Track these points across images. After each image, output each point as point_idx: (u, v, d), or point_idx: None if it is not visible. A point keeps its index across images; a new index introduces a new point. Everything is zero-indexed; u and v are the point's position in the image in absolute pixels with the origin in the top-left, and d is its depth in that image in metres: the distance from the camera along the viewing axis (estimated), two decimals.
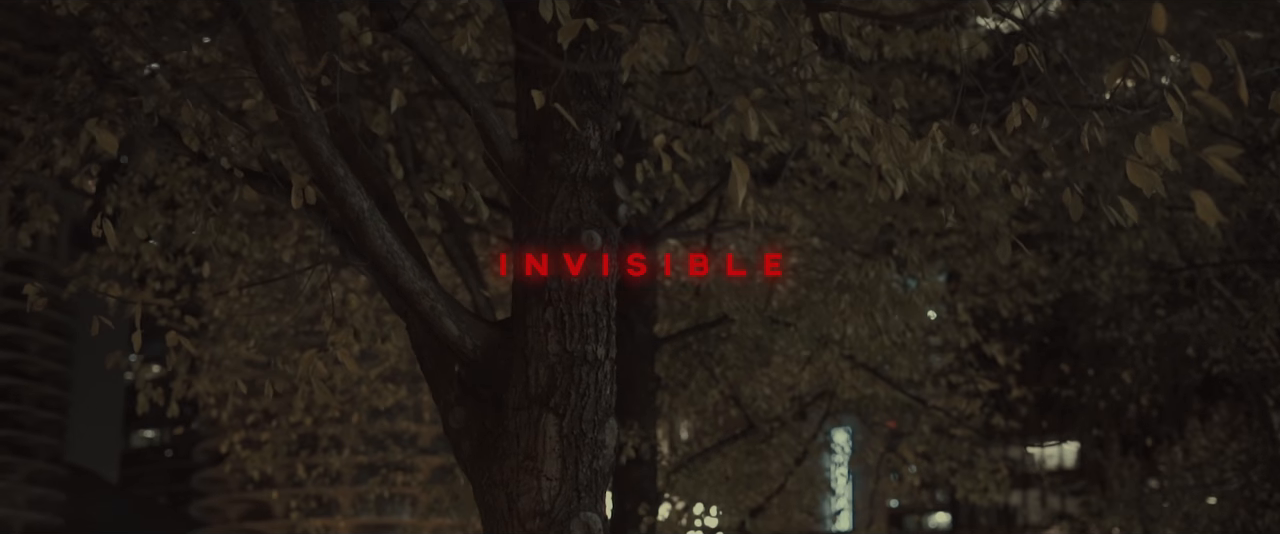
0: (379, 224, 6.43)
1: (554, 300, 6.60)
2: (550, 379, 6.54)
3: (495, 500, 6.55)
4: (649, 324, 13.57)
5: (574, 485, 6.48)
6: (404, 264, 6.50)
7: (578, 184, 6.66)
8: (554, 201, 6.67)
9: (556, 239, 6.65)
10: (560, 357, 6.56)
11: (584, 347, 6.58)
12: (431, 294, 6.59)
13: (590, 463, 6.52)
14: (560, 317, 6.58)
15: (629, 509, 13.04)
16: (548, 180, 6.68)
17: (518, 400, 6.58)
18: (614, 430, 6.63)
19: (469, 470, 6.74)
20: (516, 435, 6.55)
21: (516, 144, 6.77)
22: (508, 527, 6.48)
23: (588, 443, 6.52)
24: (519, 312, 6.71)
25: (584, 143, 6.70)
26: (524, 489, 6.48)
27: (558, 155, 6.68)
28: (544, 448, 6.48)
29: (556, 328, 6.58)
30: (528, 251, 12.38)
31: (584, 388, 6.54)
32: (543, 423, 6.51)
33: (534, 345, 6.59)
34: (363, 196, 6.39)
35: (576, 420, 6.52)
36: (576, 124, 6.57)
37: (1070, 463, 69.77)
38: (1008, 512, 75.82)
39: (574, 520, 6.44)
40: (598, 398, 6.57)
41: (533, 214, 6.70)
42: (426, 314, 6.60)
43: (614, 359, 6.70)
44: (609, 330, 6.66)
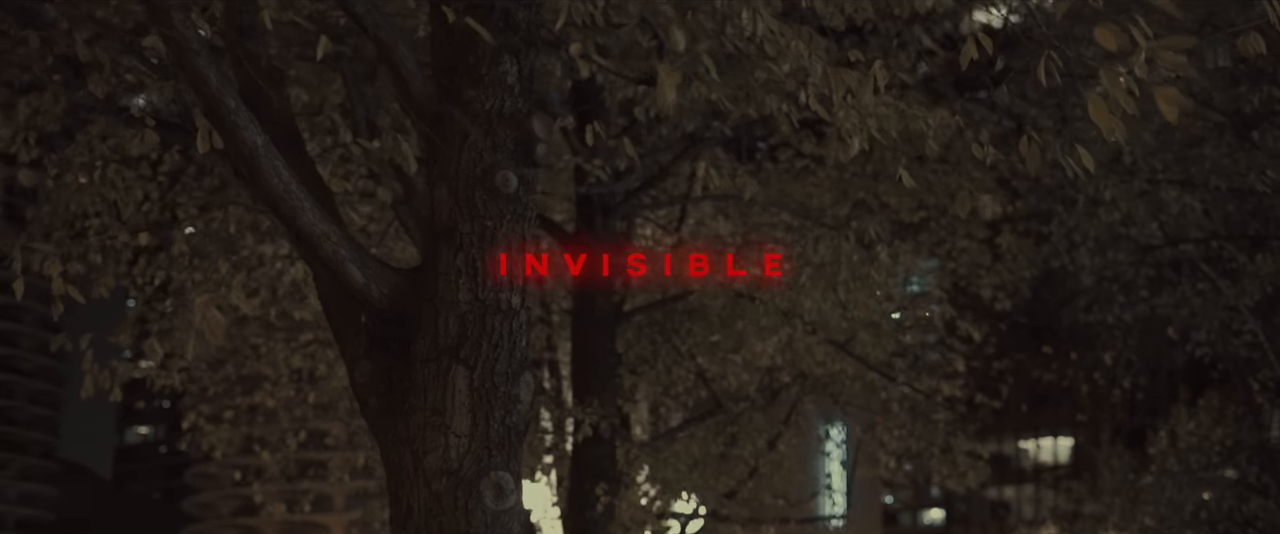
0: (275, 161, 5.99)
1: (465, 246, 6.17)
2: (460, 329, 6.11)
3: (401, 459, 6.12)
4: (609, 298, 13.15)
5: (485, 442, 6.04)
6: (303, 205, 6.06)
7: (493, 122, 6.23)
8: (467, 140, 6.24)
9: (469, 180, 6.21)
10: (471, 305, 6.13)
11: (497, 295, 6.15)
12: (334, 238, 6.15)
13: (502, 419, 6.09)
14: (471, 262, 6.15)
15: (587, 489, 12.61)
16: (462, 118, 6.24)
17: (426, 352, 6.15)
18: (529, 385, 6.20)
19: (375, 428, 6.31)
20: (424, 389, 6.12)
21: (429, 80, 6.33)
22: (413, 487, 6.05)
23: (500, 397, 6.09)
24: (429, 258, 6.28)
25: (500, 78, 6.27)
26: (430, 446, 6.05)
27: (472, 91, 6.24)
28: (453, 402, 6.06)
29: (468, 275, 6.15)
30: (528, 252, 11.74)
31: (496, 338, 6.11)
32: (452, 375, 6.08)
33: (444, 294, 6.16)
34: (256, 131, 5.95)
35: (488, 373, 6.08)
36: (492, 53, 6.15)
37: (1064, 459, 69.42)
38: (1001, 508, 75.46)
39: (484, 480, 6.01)
40: (511, 349, 6.14)
41: (445, 154, 6.26)
42: (328, 259, 6.17)
43: (530, 309, 6.26)
44: (526, 281, 6.22)
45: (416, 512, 6.03)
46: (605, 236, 13.14)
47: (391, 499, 6.17)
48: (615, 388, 13.17)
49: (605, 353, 13.06)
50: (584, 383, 12.97)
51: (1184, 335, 18.06)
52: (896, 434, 18.33)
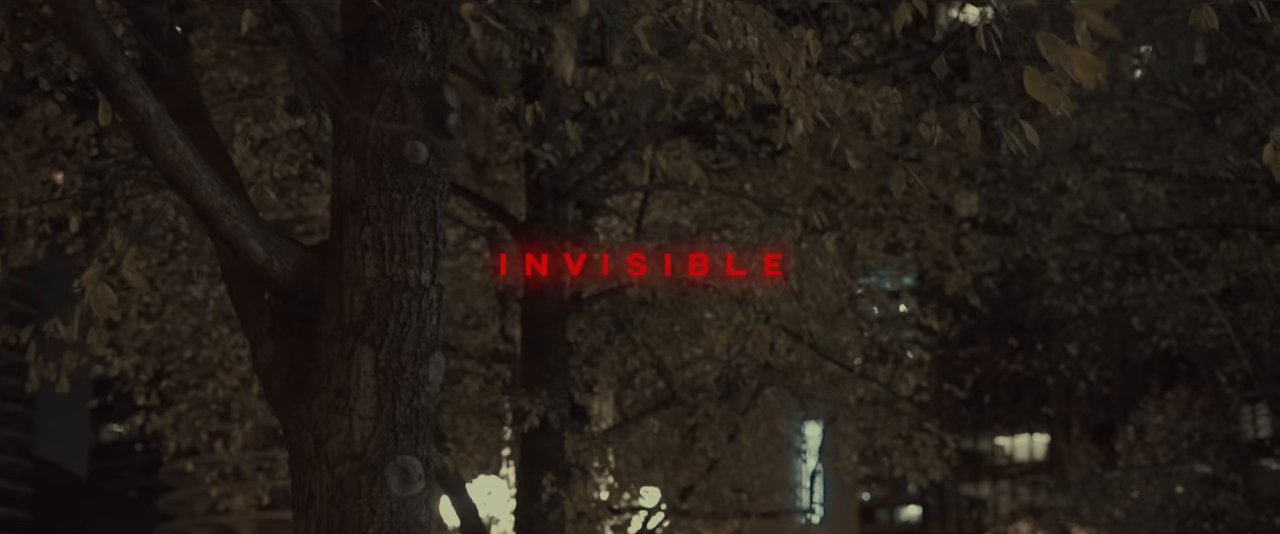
0: (169, 130, 5.68)
1: (373, 219, 5.87)
2: (366, 307, 5.81)
3: (302, 443, 5.83)
4: (560, 287, 12.84)
5: (391, 425, 5.75)
6: (200, 177, 5.76)
7: (402, 90, 5.93)
8: (376, 109, 5.94)
9: (377, 150, 5.92)
10: (378, 282, 5.83)
11: (406, 271, 5.85)
12: (233, 212, 5.85)
13: (410, 401, 5.80)
14: (379, 237, 5.86)
15: (536, 480, 12.31)
16: (369, 86, 5.95)
17: (331, 331, 5.86)
18: (439, 366, 5.91)
19: (278, 410, 6.02)
20: (328, 370, 5.82)
21: (336, 45, 6.04)
22: (315, 472, 5.75)
23: (407, 378, 5.80)
24: (335, 232, 5.98)
25: (411, 45, 5.98)
26: (334, 430, 5.75)
27: (381, 58, 5.95)
28: (357, 383, 5.76)
29: (375, 250, 5.85)
30: (529, 253, 11.42)
31: (405, 317, 5.82)
32: (357, 356, 5.78)
33: (350, 269, 5.86)
34: (148, 98, 5.64)
35: (395, 352, 5.79)
36: (403, 18, 5.87)
37: (1039, 456, 69.36)
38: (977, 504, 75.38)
39: (389, 465, 5.71)
40: (421, 328, 5.85)
41: (352, 124, 5.97)
42: (228, 234, 5.87)
43: (441, 286, 5.97)
44: (436, 253, 5.93)
45: (318, 498, 5.74)
46: (556, 224, 12.85)
47: (293, 486, 5.88)
48: (565, 377, 12.86)
49: (555, 342, 12.76)
50: (533, 372, 12.67)
51: (1150, 327, 17.85)
52: (860, 426, 18.12)
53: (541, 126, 12.48)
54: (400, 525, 5.68)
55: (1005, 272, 18.34)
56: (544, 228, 12.86)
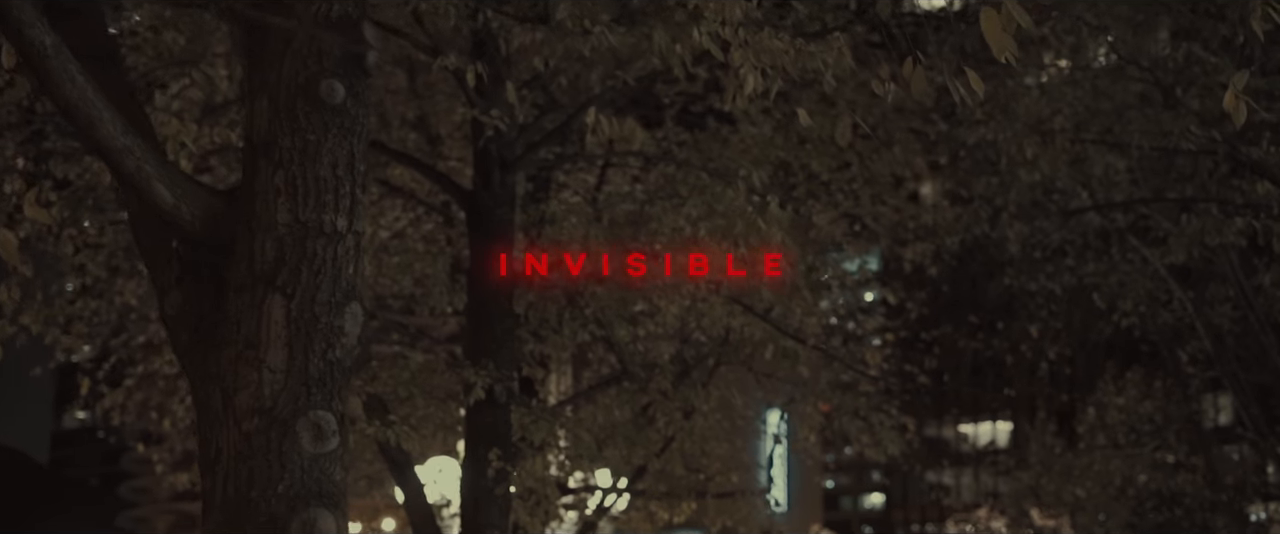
0: (67, 65, 5.34)
1: (286, 162, 5.56)
2: (278, 254, 5.50)
3: (209, 397, 5.52)
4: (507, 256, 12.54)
5: (303, 379, 5.44)
6: (102, 116, 5.42)
7: (318, 27, 5.62)
8: (289, 47, 5.63)
9: (291, 90, 5.61)
10: (291, 227, 5.52)
11: (320, 216, 5.55)
12: (137, 153, 5.52)
13: (324, 353, 5.49)
14: (292, 181, 5.55)
15: (481, 455, 12.00)
16: (283, 21, 5.63)
17: (241, 280, 5.55)
18: (356, 317, 5.60)
19: (186, 364, 5.71)
20: (237, 320, 5.51)
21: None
22: (222, 427, 5.44)
23: (321, 329, 5.49)
24: (247, 176, 5.67)
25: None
26: (243, 383, 5.44)
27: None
28: (268, 334, 5.46)
29: (288, 194, 5.54)
30: (529, 252, 11.07)
31: (319, 264, 5.52)
32: (267, 305, 5.48)
33: (261, 215, 5.55)
34: (44, 31, 5.30)
35: (308, 302, 5.49)
36: None
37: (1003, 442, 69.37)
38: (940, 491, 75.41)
39: (301, 420, 5.41)
40: (336, 277, 5.55)
41: (265, 62, 5.66)
42: (131, 176, 5.54)
43: (360, 234, 5.67)
44: (354, 199, 5.63)
45: (225, 455, 5.43)
46: (503, 195, 12.54)
47: (200, 443, 5.58)
48: (512, 350, 12.55)
49: (502, 314, 12.45)
50: (479, 344, 12.36)
51: (1111, 305, 17.66)
52: (817, 405, 17.90)
53: (489, 93, 12.17)
54: (312, 483, 5.38)
55: (965, 250, 18.16)
56: (493, 200, 12.55)
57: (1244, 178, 14.38)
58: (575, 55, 12.94)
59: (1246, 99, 6.16)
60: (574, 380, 20.73)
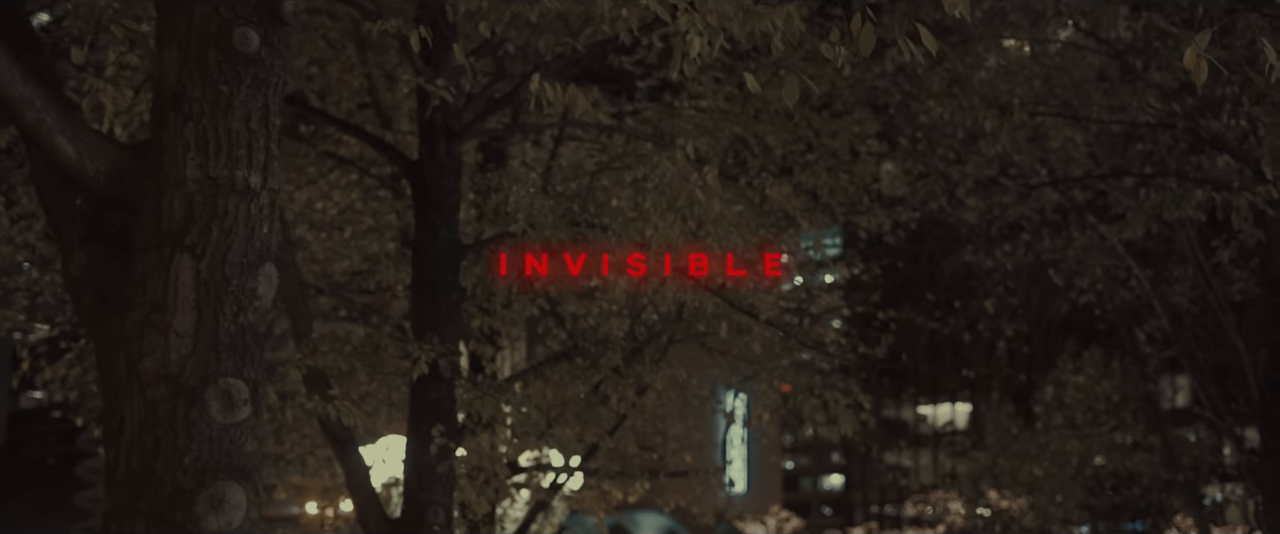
0: None
1: (196, 114, 5.25)
2: (187, 212, 5.20)
3: (114, 363, 5.21)
4: (453, 229, 12.21)
5: (212, 344, 5.14)
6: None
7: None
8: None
9: (202, 38, 5.29)
10: (201, 184, 5.22)
11: (232, 172, 5.24)
12: (38, 104, 5.21)
13: (235, 317, 5.19)
14: (203, 134, 5.24)
15: (424, 431, 11.67)
16: None
17: (148, 239, 5.24)
18: (271, 279, 5.31)
19: (90, 328, 5.40)
20: (144, 282, 5.20)
21: None
22: (126, 395, 5.14)
23: (232, 291, 5.19)
24: (155, 130, 5.36)
25: None
26: (148, 348, 5.14)
27: None
28: (176, 297, 5.15)
29: (198, 148, 5.23)
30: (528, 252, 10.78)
31: (230, 223, 5.21)
32: (176, 266, 5.17)
33: (170, 170, 5.24)
34: None
35: (218, 263, 5.18)
36: None
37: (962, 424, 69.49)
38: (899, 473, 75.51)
39: (210, 388, 5.10)
40: (249, 236, 5.24)
41: (175, 8, 5.34)
42: (32, 129, 5.23)
43: (275, 191, 5.36)
44: (268, 154, 5.32)
45: (129, 425, 5.13)
46: (449, 165, 12.19)
47: (104, 411, 5.27)
48: (457, 324, 12.22)
49: (447, 286, 12.11)
50: (424, 318, 12.02)
51: (1068, 282, 17.48)
52: (773, 383, 17.66)
53: (435, 60, 11.85)
54: (221, 455, 5.08)
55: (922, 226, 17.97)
56: (438, 170, 12.22)
57: (1203, 153, 14.22)
58: (523, 21, 12.67)
59: (1209, 57, 5.94)
60: (528, 357, 20.44)
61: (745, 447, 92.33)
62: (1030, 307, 18.87)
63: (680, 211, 11.16)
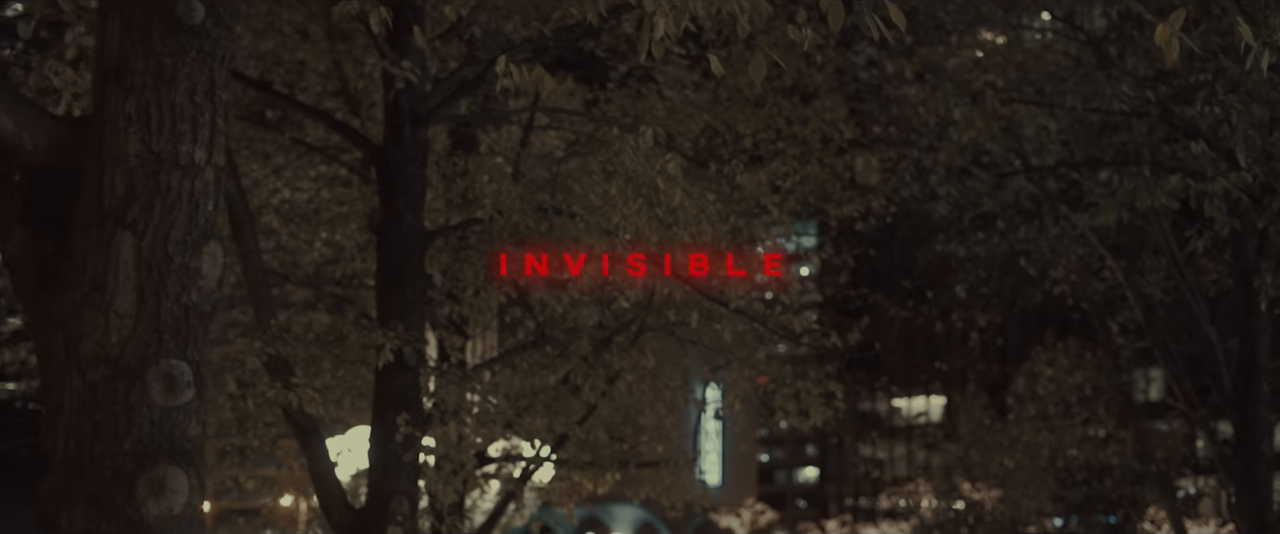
0: None
1: (138, 87, 5.08)
2: (129, 188, 5.03)
3: (52, 343, 5.04)
4: (419, 215, 12.04)
5: (154, 325, 4.98)
6: None
7: None
8: None
9: (145, 9, 5.12)
10: (143, 159, 5.05)
11: (176, 147, 5.07)
12: None
13: (178, 296, 5.02)
14: (145, 108, 5.07)
15: (389, 420, 11.50)
16: None
17: (88, 216, 5.07)
18: (216, 258, 5.14)
19: (28, 308, 5.22)
20: (83, 261, 5.03)
21: None
22: (65, 377, 4.97)
23: (175, 270, 5.02)
24: (97, 104, 5.18)
25: None
26: (88, 328, 4.97)
27: None
28: (116, 276, 4.98)
29: (140, 122, 5.06)
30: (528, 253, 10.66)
31: (173, 200, 5.04)
32: (116, 244, 5.00)
33: (111, 145, 5.07)
34: None
35: (160, 241, 5.01)
36: None
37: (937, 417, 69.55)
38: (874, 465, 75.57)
39: (151, 369, 4.94)
40: (193, 213, 5.08)
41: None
42: None
43: (221, 167, 5.19)
44: (214, 128, 5.15)
45: (67, 407, 4.96)
46: (415, 151, 12.02)
47: (42, 393, 5.10)
48: (423, 312, 12.06)
49: (412, 273, 11.94)
50: (389, 306, 11.85)
51: (1042, 272, 17.39)
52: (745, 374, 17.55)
53: (400, 43, 11.67)
54: (163, 438, 4.92)
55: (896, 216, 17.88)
56: (404, 156, 12.05)
57: (1177, 142, 14.12)
58: (491, 4, 12.50)
59: (1182, 37, 5.80)
60: (499, 346, 20.29)
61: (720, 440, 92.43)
62: (1003, 296, 18.79)
63: (646, 198, 11.01)
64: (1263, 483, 17.71)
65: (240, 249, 11.84)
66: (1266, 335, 17.07)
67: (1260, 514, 17.69)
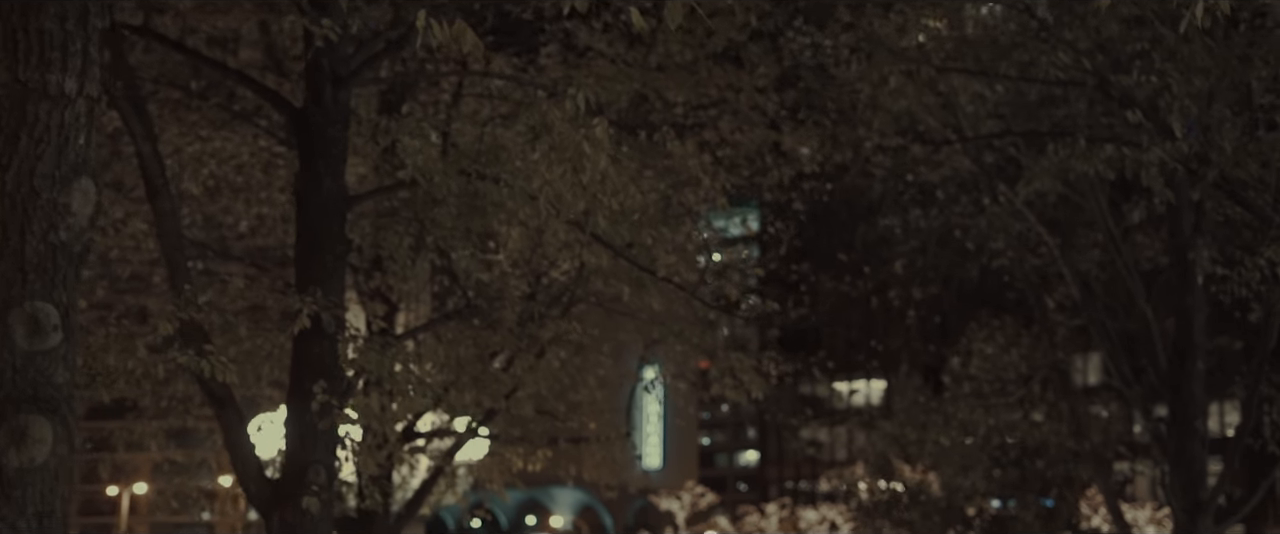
0: None
1: (4, 13, 4.75)
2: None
3: None
4: (338, 178, 11.70)
5: (18, 264, 4.66)
6: None
7: None
8: None
9: None
10: (9, 88, 4.73)
11: (45, 76, 4.75)
12: None
13: (45, 234, 4.71)
14: (11, 34, 4.75)
15: (306, 389, 11.16)
16: None
17: None
18: (88, 195, 4.82)
19: None
20: None
21: None
22: None
23: (42, 206, 4.71)
24: None
25: None
26: None
27: None
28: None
29: (6, 49, 4.74)
30: None
31: (41, 132, 4.73)
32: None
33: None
34: None
35: (26, 175, 4.70)
36: None
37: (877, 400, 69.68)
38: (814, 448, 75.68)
39: (15, 312, 4.63)
40: (62, 147, 4.76)
41: None
42: None
43: (94, 99, 4.87)
44: (86, 58, 4.83)
45: None
46: (335, 112, 11.67)
47: None
48: (341, 278, 11.72)
49: (332, 238, 11.60)
50: (308, 272, 11.50)
51: (980, 246, 17.23)
52: (680, 350, 17.35)
53: (322, 3, 11.31)
54: (25, 384, 4.60)
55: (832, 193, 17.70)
56: (324, 118, 11.70)
57: (1113, 114, 13.97)
58: None
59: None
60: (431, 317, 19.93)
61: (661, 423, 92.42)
62: (940, 270, 18.62)
63: (571, 163, 10.73)
64: (1196, 461, 17.63)
65: (155, 212, 11.49)
66: (1202, 313, 16.98)
67: (1194, 493, 17.61)
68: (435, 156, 11.34)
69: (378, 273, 13.67)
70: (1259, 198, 12.42)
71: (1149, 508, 60.61)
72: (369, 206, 13.10)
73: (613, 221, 11.85)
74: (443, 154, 11.54)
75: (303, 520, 11.18)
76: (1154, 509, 58.37)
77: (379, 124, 12.35)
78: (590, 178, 11.10)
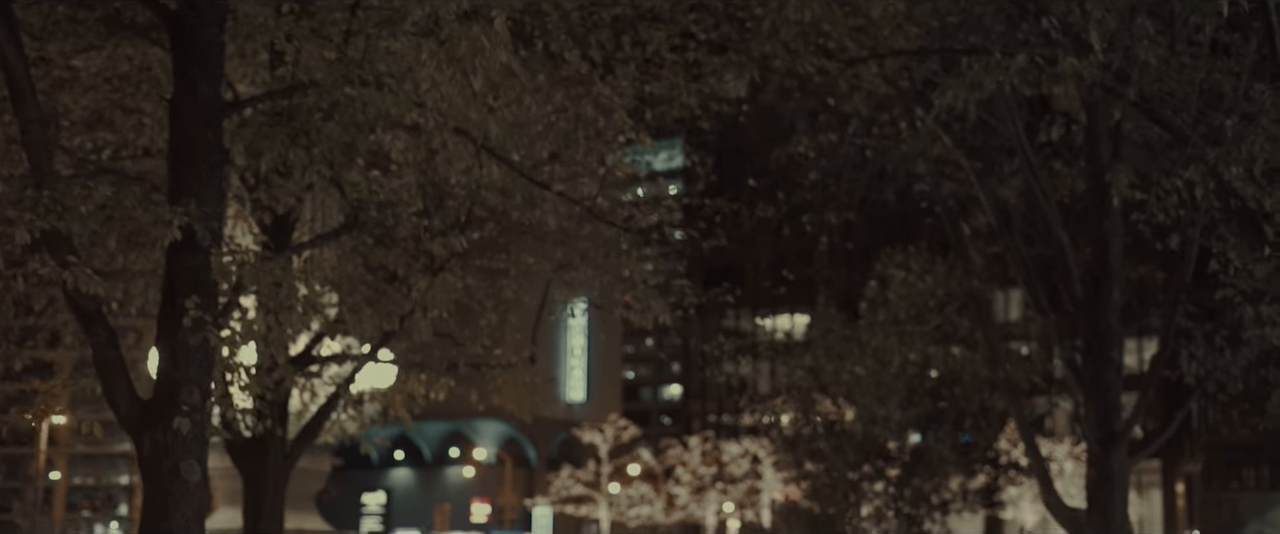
0: None
1: None
2: None
3: None
4: (214, 85, 11.04)
5: None
6: None
7: None
8: None
9: None
10: None
11: None
12: None
13: None
14: None
15: (178, 304, 10.55)
16: None
17: None
18: None
19: None
20: None
21: None
22: None
23: None
24: None
25: None
26: None
27: None
28: None
29: None
30: None
31: None
32: None
33: None
34: None
35: None
36: None
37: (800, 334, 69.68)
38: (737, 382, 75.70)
39: None
40: None
41: None
42: None
43: None
44: None
45: None
46: (211, 14, 11.01)
47: None
48: (218, 188, 11.08)
49: (208, 147, 10.96)
50: (182, 182, 10.86)
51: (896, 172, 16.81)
52: (585, 272, 16.86)
53: None
54: None
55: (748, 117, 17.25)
56: (199, 20, 11.03)
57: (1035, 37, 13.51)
58: None
59: None
60: None
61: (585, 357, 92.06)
62: (855, 195, 18.21)
63: (461, 66, 10.14)
64: (1111, 392, 17.37)
65: (19, 118, 10.82)
66: (1119, 239, 16.67)
67: (1108, 424, 17.36)
68: (317, 56, 10.71)
69: (264, 187, 13.03)
70: (1178, 117, 12.01)
71: (1067, 442, 61.08)
72: (255, 118, 12.44)
73: (507, 131, 11.30)
74: (322, 51, 10.88)
75: (174, 442, 10.62)
76: (1073, 444, 58.81)
77: (256, 22, 11.60)
78: (482, 84, 10.55)
